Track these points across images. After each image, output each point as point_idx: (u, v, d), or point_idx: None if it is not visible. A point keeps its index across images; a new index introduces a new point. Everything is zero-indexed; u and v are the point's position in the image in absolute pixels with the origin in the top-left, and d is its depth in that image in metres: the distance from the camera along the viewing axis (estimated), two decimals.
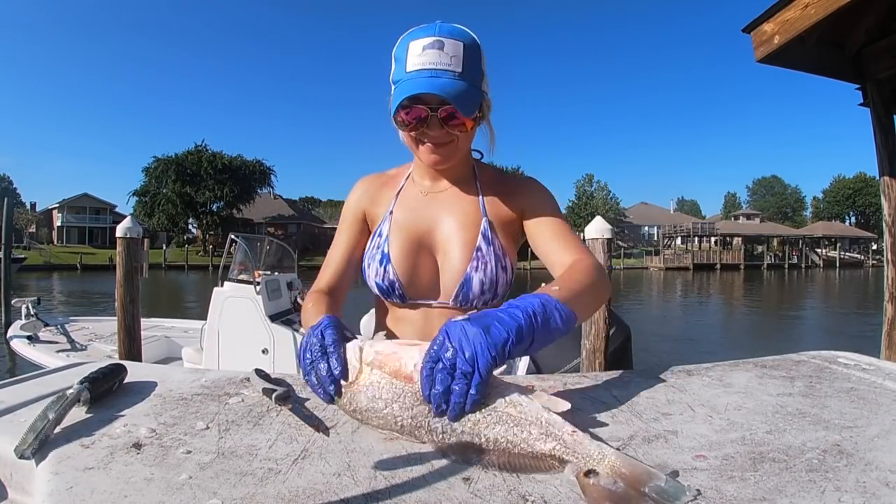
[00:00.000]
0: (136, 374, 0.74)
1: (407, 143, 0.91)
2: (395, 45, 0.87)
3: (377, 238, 0.98)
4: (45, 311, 6.80)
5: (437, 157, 0.89)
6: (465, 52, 0.83)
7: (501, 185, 1.00)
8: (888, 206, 2.88)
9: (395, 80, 0.86)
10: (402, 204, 1.00)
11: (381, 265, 0.95)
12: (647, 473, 0.47)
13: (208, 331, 4.59)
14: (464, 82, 0.83)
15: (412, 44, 0.84)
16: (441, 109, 0.83)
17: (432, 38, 0.83)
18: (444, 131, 0.86)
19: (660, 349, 9.07)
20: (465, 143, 0.91)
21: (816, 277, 38.54)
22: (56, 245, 46.22)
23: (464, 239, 0.94)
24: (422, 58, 0.82)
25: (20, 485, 0.53)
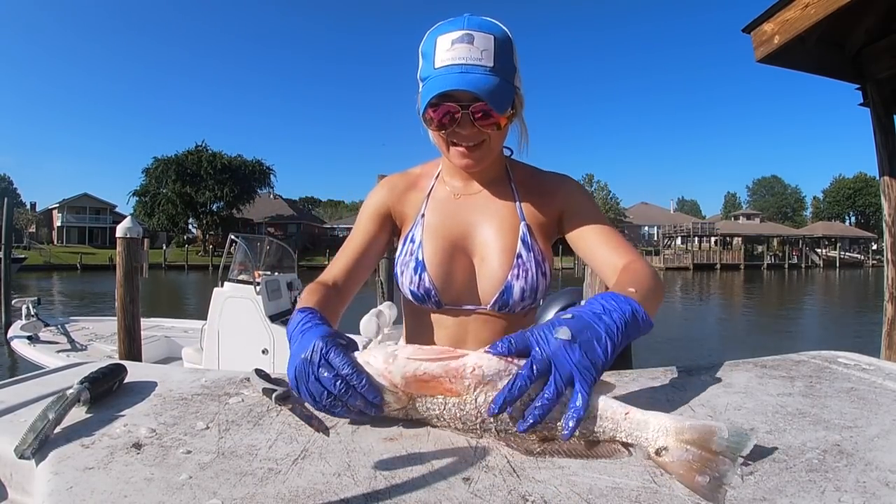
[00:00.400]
0: (136, 374, 0.74)
1: (436, 143, 0.88)
2: (421, 40, 0.84)
3: (409, 244, 0.94)
4: (45, 311, 6.80)
5: (470, 160, 0.86)
6: (496, 46, 0.79)
7: (537, 184, 0.97)
8: (888, 206, 2.88)
9: (423, 76, 0.82)
10: (434, 207, 0.95)
11: (416, 273, 0.91)
12: (708, 431, 0.49)
13: (208, 331, 4.59)
14: (496, 77, 0.79)
15: (440, 38, 0.80)
16: (473, 107, 0.79)
17: (461, 31, 0.79)
18: (475, 130, 0.82)
19: (660, 349, 9.07)
20: (497, 142, 0.87)
21: (816, 277, 38.53)
22: (56, 245, 46.22)
23: (503, 245, 0.91)
24: (451, 52, 0.78)
25: (20, 485, 0.53)
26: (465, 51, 0.78)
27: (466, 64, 0.78)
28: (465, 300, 0.93)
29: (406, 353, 0.58)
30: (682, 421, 0.52)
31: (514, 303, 0.90)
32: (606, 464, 0.50)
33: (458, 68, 0.78)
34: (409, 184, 0.99)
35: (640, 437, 0.52)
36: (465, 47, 0.78)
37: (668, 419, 0.52)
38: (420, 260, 0.91)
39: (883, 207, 2.91)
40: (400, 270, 0.94)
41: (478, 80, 0.77)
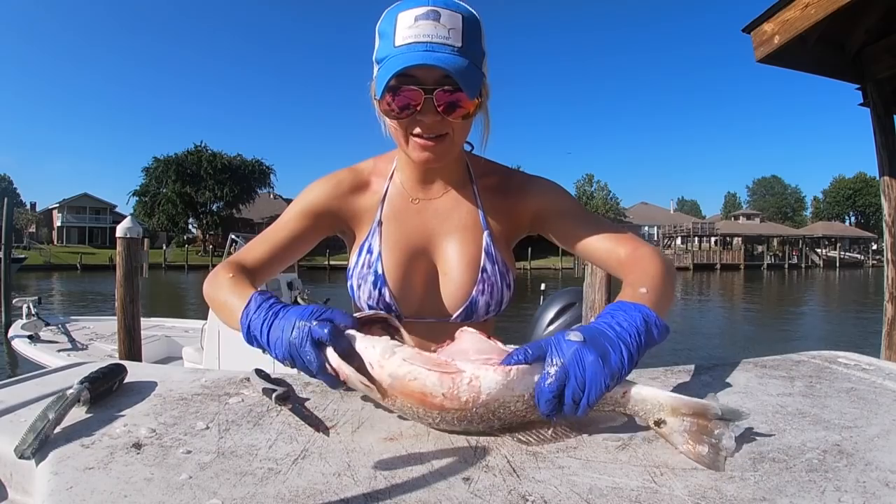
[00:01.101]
0: (136, 373, 0.74)
1: (393, 135, 0.79)
2: (378, 20, 0.75)
3: (366, 255, 0.87)
4: (45, 310, 6.80)
5: (431, 154, 0.76)
6: (464, 26, 0.71)
7: (501, 186, 0.90)
8: (888, 206, 2.88)
9: (380, 57, 0.73)
10: (391, 214, 0.87)
11: (376, 287, 0.85)
12: (701, 405, 0.52)
13: (209, 330, 4.59)
14: (465, 59, 0.70)
15: (401, 15, 0.71)
16: (437, 92, 0.71)
17: (426, 7, 0.70)
18: (438, 119, 0.73)
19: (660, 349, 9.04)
20: (460, 136, 0.79)
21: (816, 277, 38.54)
22: (56, 245, 46.25)
23: (466, 257, 0.86)
24: (414, 30, 0.69)
25: (20, 485, 0.53)
26: (431, 27, 0.69)
27: (432, 42, 0.69)
28: (427, 313, 0.88)
29: (404, 354, 0.57)
30: (679, 397, 0.54)
31: (478, 315, 0.87)
32: (606, 464, 0.50)
33: (422, 46, 0.69)
34: (358, 183, 0.90)
35: (639, 411, 0.56)
36: (431, 24, 0.69)
37: (665, 395, 0.55)
38: (380, 273, 0.85)
39: (883, 207, 2.92)
40: (357, 283, 0.87)
41: (445, 58, 0.69)
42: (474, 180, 0.90)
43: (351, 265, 0.89)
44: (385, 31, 0.73)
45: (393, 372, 0.56)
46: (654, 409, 0.55)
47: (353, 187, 0.89)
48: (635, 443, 0.55)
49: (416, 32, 0.70)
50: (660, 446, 0.54)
